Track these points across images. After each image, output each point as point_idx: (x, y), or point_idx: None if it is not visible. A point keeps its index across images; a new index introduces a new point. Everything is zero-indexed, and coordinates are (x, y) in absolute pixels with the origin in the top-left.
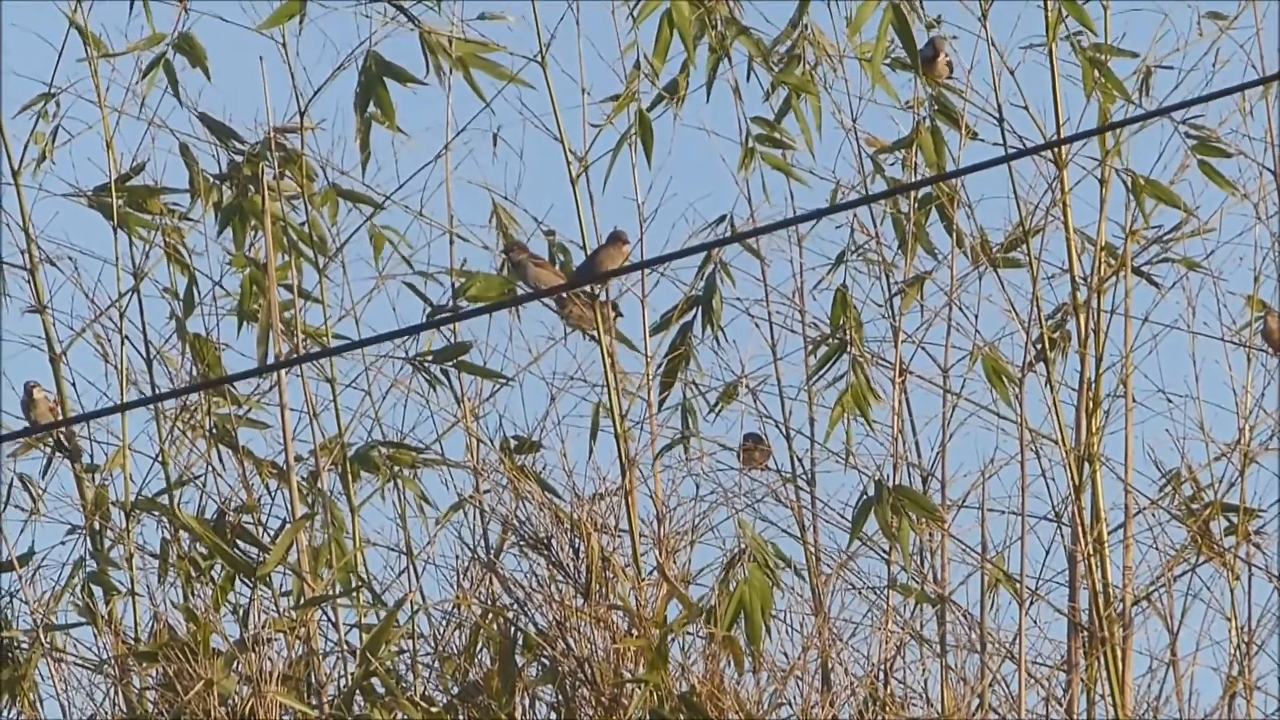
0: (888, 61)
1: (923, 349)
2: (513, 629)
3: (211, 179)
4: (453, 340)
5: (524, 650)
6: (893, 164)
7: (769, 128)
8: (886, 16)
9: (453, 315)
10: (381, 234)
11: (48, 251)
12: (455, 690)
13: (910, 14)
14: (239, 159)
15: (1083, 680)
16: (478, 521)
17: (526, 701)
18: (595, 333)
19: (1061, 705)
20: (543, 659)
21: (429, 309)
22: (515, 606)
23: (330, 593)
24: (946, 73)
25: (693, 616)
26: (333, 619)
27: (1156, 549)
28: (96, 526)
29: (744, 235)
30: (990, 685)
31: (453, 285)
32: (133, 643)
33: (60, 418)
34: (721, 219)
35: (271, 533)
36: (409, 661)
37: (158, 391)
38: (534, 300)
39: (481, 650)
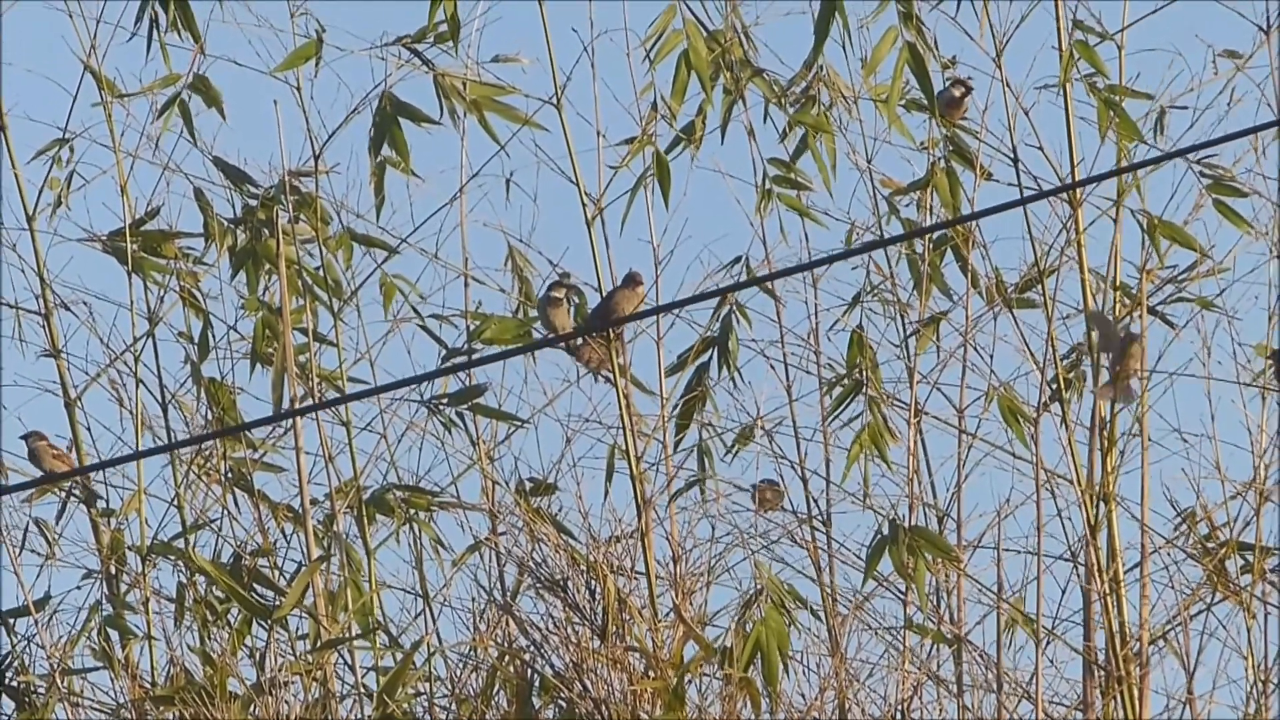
0: (903, 103)
1: (938, 389)
2: (529, 671)
3: (226, 223)
4: (468, 383)
5: (541, 692)
6: (908, 205)
7: (785, 168)
8: (902, 57)
9: (469, 361)
10: (392, 283)
11: (62, 296)
12: None
13: (926, 54)
14: (253, 203)
15: None
16: (494, 564)
17: None
18: (610, 375)
19: None
20: (560, 701)
21: (444, 352)
22: (532, 648)
23: (347, 635)
24: (961, 112)
25: (709, 657)
26: (349, 662)
27: (1172, 588)
28: (112, 571)
29: (761, 279)
30: None
31: (468, 328)
32: (149, 687)
33: (71, 462)
34: (737, 260)
35: (287, 576)
36: (426, 704)
37: (173, 435)
38: (550, 345)
39: (498, 693)
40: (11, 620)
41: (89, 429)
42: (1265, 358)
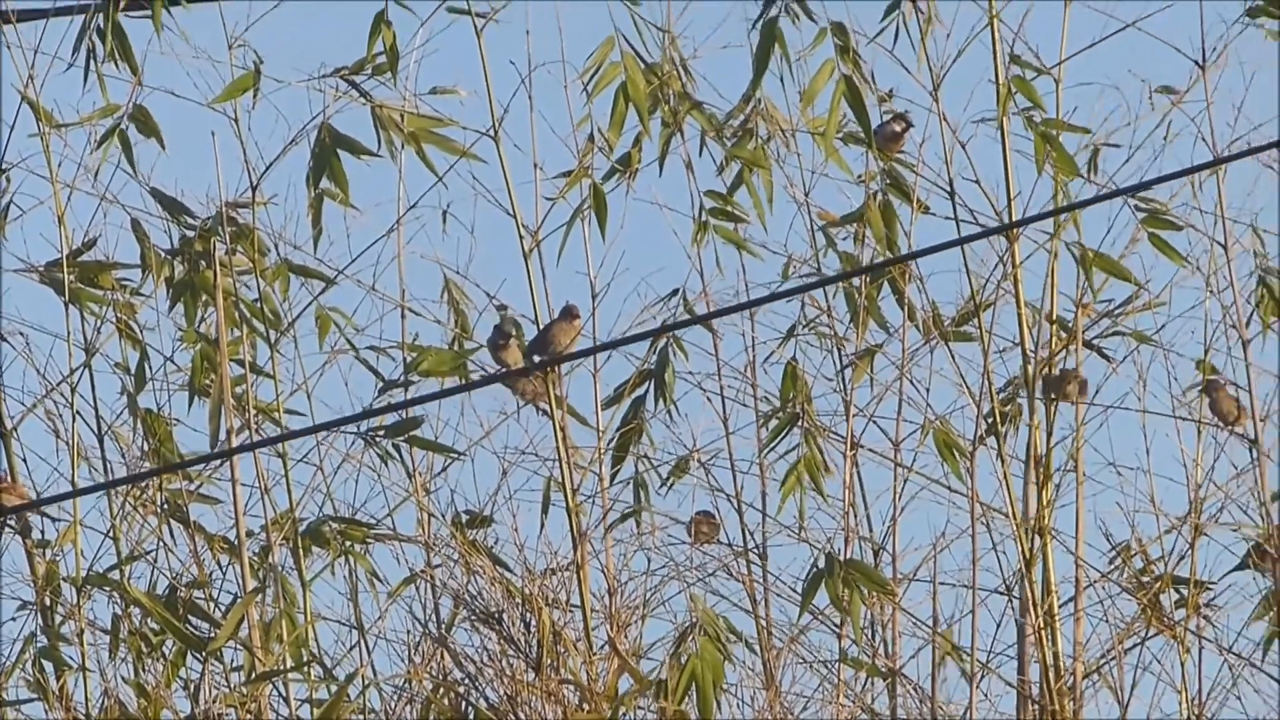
0: (840, 136)
1: (874, 423)
2: (464, 704)
3: (163, 254)
4: (405, 415)
5: None
6: (845, 238)
7: (722, 201)
8: (839, 91)
9: (406, 400)
10: (329, 315)
11: None
12: None
13: (863, 87)
14: (191, 234)
15: None
16: (429, 596)
17: None
18: (547, 407)
19: None
20: None
21: (380, 384)
22: (466, 681)
23: (281, 668)
24: (898, 146)
25: (644, 690)
26: (284, 694)
27: (1107, 622)
28: (47, 602)
29: (700, 319)
30: None
31: (404, 360)
32: (83, 718)
33: (24, 493)
34: (674, 293)
35: (223, 608)
36: None
37: (109, 466)
38: (490, 384)
39: None
40: None
41: (25, 460)
42: (1199, 386)
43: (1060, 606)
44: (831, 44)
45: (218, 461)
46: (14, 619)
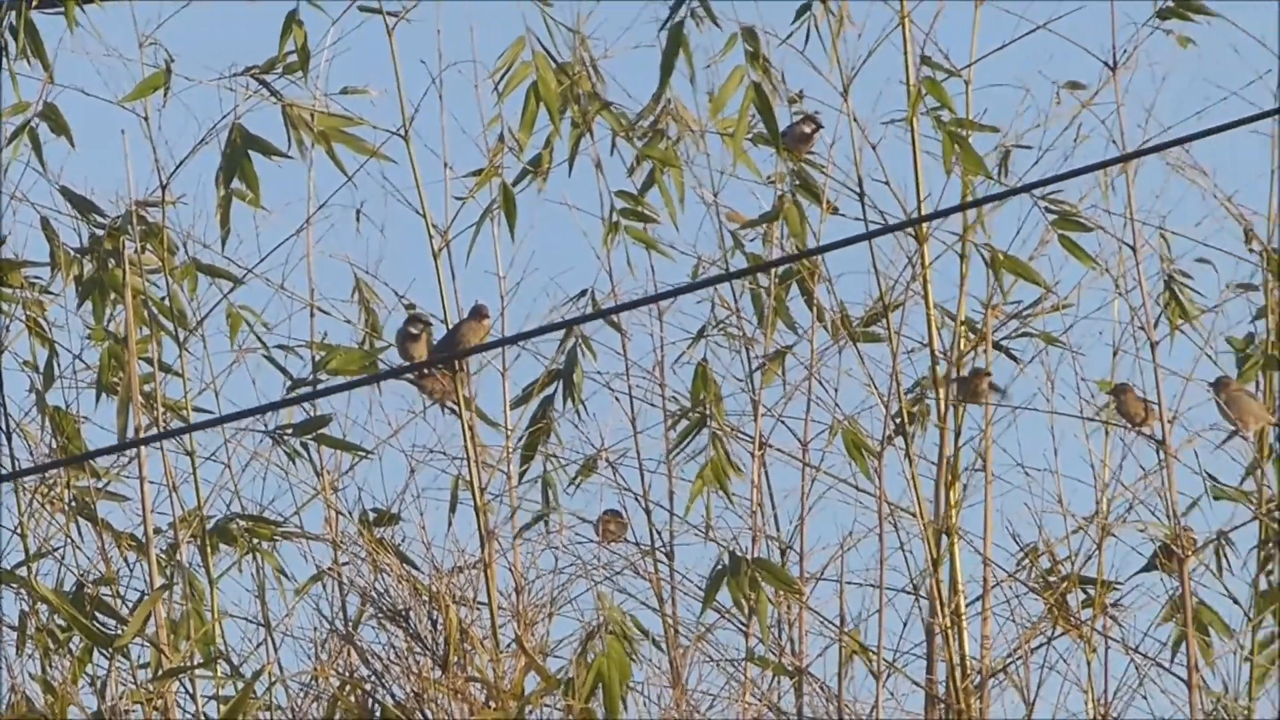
0: (749, 137)
1: (782, 423)
2: (370, 701)
3: (72, 252)
4: (312, 414)
5: None
6: (753, 239)
7: (632, 201)
8: (748, 95)
9: (313, 392)
10: (239, 314)
11: None
12: None
13: (773, 91)
14: (100, 232)
15: None
16: (336, 594)
17: None
18: (455, 406)
19: None
20: None
21: (289, 382)
22: (373, 678)
23: (188, 664)
24: (808, 147)
25: (551, 688)
26: (190, 690)
27: (1014, 621)
28: None
29: (606, 312)
30: None
31: (313, 358)
32: None
33: None
34: (583, 293)
35: (130, 605)
36: None
37: (16, 464)
38: (395, 377)
39: None
40: None
41: None
42: (1108, 393)
43: (967, 606)
44: (742, 50)
45: (125, 459)
46: None
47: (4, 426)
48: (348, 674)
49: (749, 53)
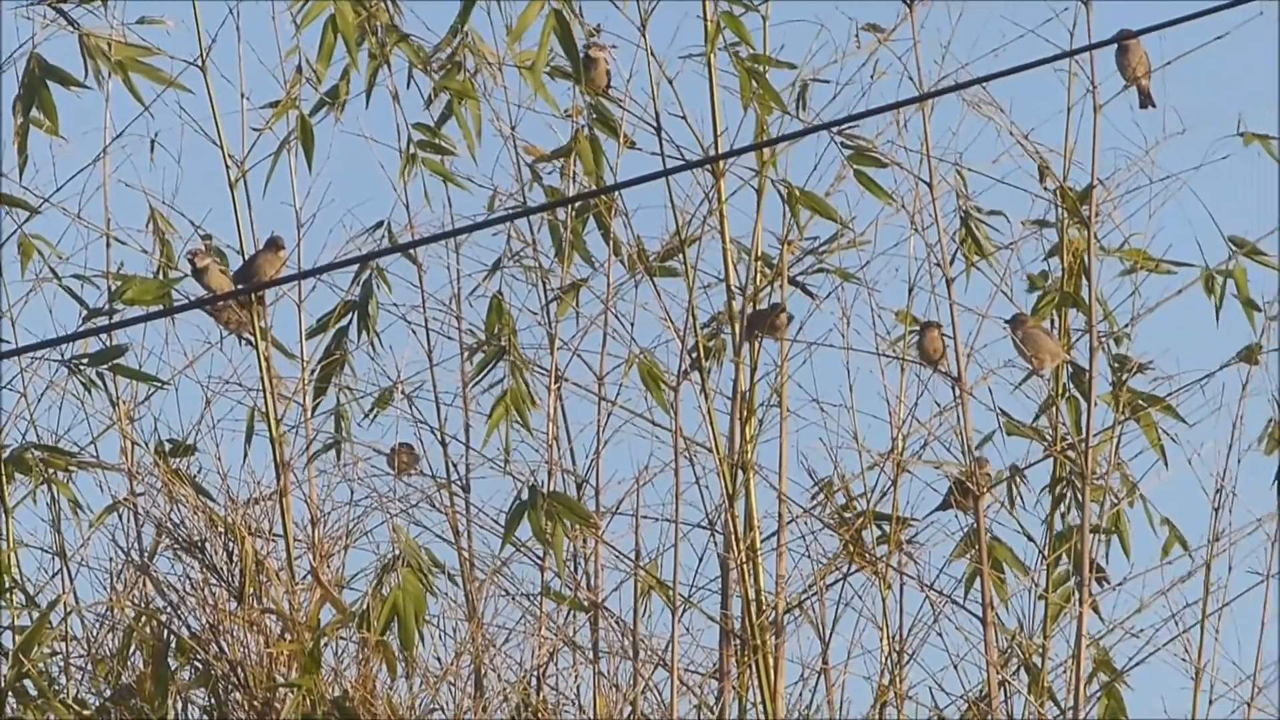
0: (548, 70)
1: (579, 356)
2: (166, 632)
3: None
4: (108, 343)
5: (177, 653)
6: (550, 172)
7: (430, 133)
8: (548, 24)
9: (110, 324)
10: (32, 243)
11: None
12: (108, 693)
13: (572, 21)
14: None
15: (735, 688)
16: (132, 524)
17: (179, 705)
18: (251, 337)
19: (714, 713)
20: (196, 662)
21: (84, 312)
22: (169, 609)
23: None
24: (605, 81)
25: (346, 621)
26: None
27: (809, 557)
28: None
29: (403, 246)
30: (643, 692)
31: (109, 289)
32: None
33: None
34: (379, 225)
35: None
36: (61, 664)
37: None
38: (195, 308)
39: (134, 653)
40: None
41: None
42: (909, 328)
43: (762, 541)
44: None
45: None
46: None
47: None
48: (143, 605)
49: None
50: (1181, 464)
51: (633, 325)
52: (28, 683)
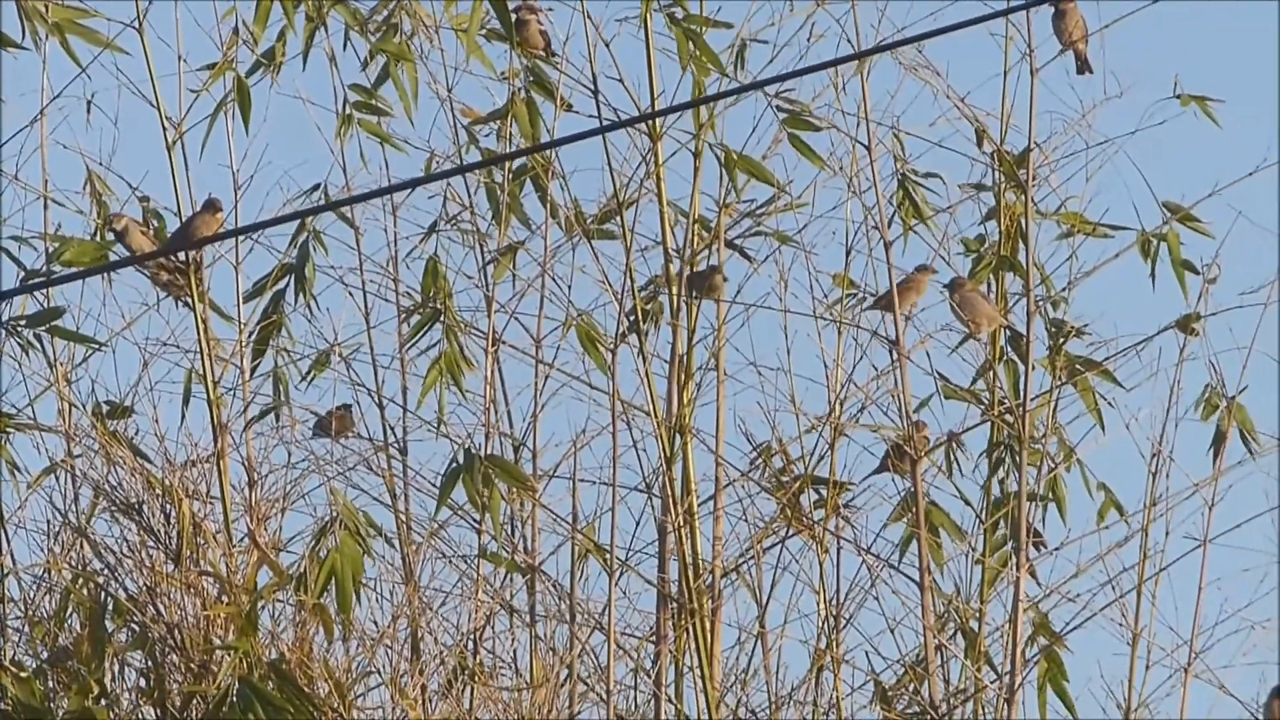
0: (484, 33)
1: (516, 319)
2: (103, 594)
3: None
4: (46, 305)
5: (114, 615)
6: (487, 135)
7: (366, 95)
8: None
9: (47, 280)
10: None
11: None
12: (45, 655)
13: None
14: None
15: (671, 652)
16: (69, 486)
17: (116, 667)
18: (188, 299)
19: (650, 676)
20: (133, 624)
21: (22, 273)
22: (106, 572)
23: None
24: (541, 43)
25: (283, 583)
26: None
27: (746, 521)
28: None
29: (339, 203)
30: (579, 656)
31: (46, 250)
32: None
33: None
34: (316, 187)
35: None
36: None
37: None
38: (129, 265)
39: (72, 615)
40: None
41: None
42: (843, 289)
43: (700, 505)
44: None
45: None
46: None
47: None
48: (80, 567)
49: None
50: (1119, 429)
51: (570, 288)
52: None
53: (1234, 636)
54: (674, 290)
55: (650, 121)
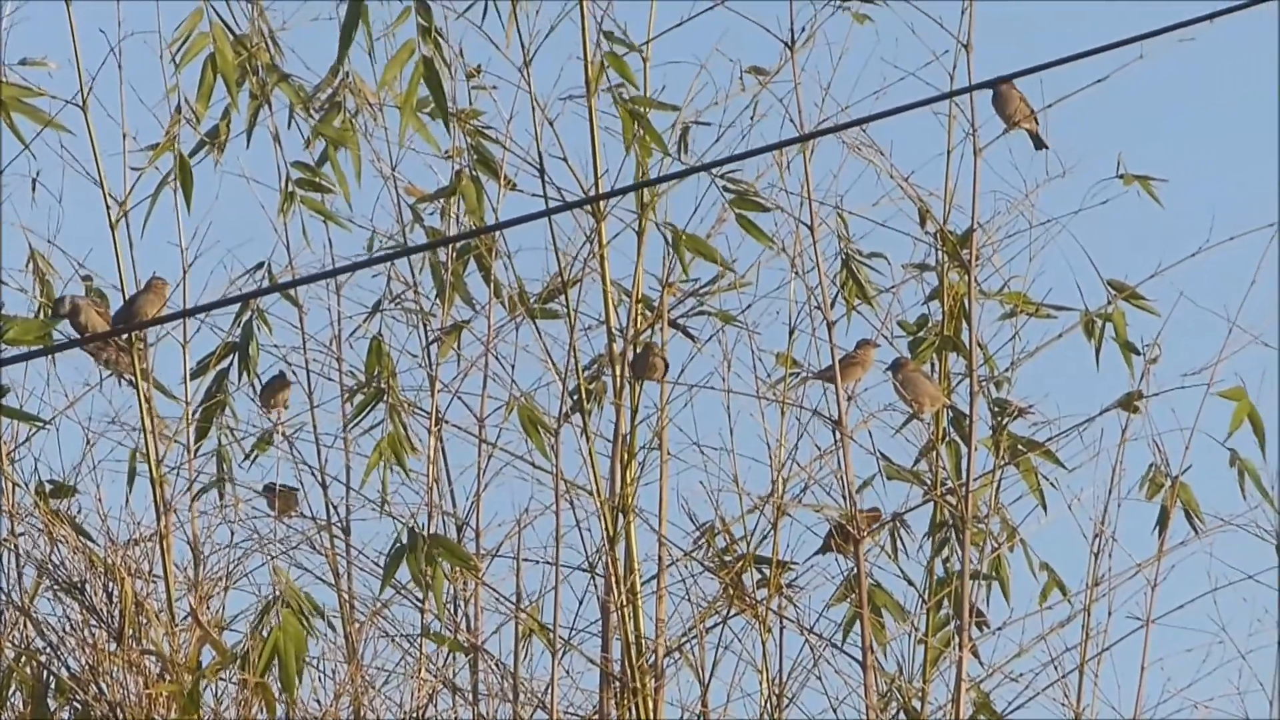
0: (428, 111)
1: (459, 398)
2: (45, 673)
3: None
4: None
5: (57, 694)
6: (431, 213)
7: (309, 172)
8: (418, 70)
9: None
10: None
11: None
12: None
13: (444, 68)
14: None
15: None
16: (12, 565)
17: None
18: (132, 378)
19: None
20: (75, 703)
21: None
22: (48, 650)
23: None
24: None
25: (226, 662)
26: None
27: (689, 600)
28: None
29: (285, 285)
30: None
31: None
32: None
33: None
34: (260, 265)
35: None
36: None
37: None
38: (75, 347)
39: (14, 693)
40: None
41: None
42: (786, 369)
43: (643, 584)
44: (414, 23)
45: None
46: None
47: None
48: (23, 645)
49: (421, 27)
50: (1061, 509)
51: (514, 367)
52: None
53: (1176, 716)
54: (617, 370)
55: (595, 202)
